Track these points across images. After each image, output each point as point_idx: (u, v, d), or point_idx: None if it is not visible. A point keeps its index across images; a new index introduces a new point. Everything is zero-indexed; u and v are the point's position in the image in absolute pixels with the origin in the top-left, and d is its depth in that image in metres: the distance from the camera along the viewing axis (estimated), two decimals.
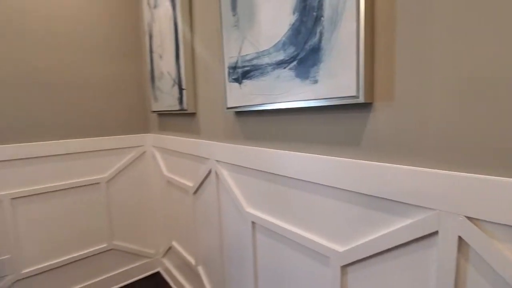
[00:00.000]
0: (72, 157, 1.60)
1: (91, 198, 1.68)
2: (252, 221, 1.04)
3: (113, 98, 1.74)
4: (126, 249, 1.84)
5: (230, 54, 0.99)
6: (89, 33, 1.63)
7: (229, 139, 1.13)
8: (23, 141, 1.45)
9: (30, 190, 1.47)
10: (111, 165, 1.74)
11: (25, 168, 1.46)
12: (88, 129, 1.65)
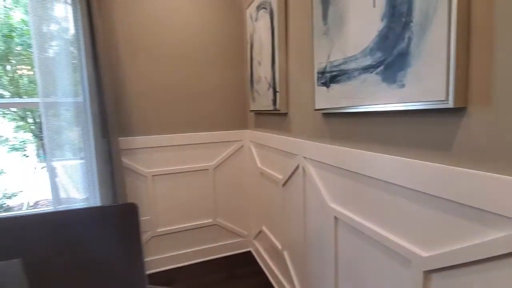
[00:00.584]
0: (191, 147, 2.02)
1: (202, 181, 2.08)
2: (334, 216, 1.11)
3: (221, 100, 2.08)
4: (225, 227, 2.18)
5: (319, 60, 1.07)
6: (206, 50, 2.00)
7: (316, 138, 1.21)
8: (162, 133, 1.95)
9: (164, 170, 1.96)
10: (217, 155, 2.10)
11: (162, 153, 1.95)
12: (202, 125, 2.05)
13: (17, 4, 2.32)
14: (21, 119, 2.71)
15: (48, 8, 1.63)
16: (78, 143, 1.77)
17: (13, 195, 3.11)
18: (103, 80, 1.69)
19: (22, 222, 0.39)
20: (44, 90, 1.63)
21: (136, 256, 0.45)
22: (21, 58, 2.36)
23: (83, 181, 1.78)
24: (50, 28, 1.65)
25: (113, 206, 0.42)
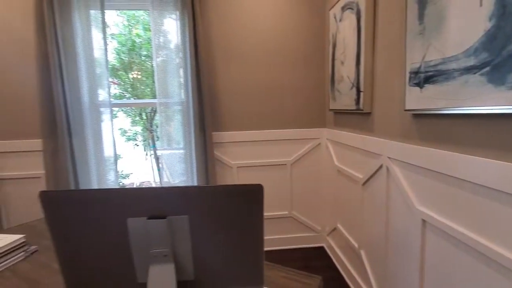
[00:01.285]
0: (271, 143, 2.19)
1: (280, 175, 2.23)
2: (422, 219, 1.09)
3: (300, 99, 2.19)
4: (300, 220, 2.29)
5: (412, 60, 1.06)
6: (288, 51, 2.13)
7: (403, 139, 1.20)
8: (247, 129, 2.17)
9: (247, 162, 2.19)
10: (294, 151, 2.22)
11: (246, 147, 2.18)
12: (282, 122, 2.19)
13: (135, 22, 2.89)
14: (137, 115, 3.39)
15: (159, 23, 2.01)
16: (180, 136, 2.13)
17: (126, 175, 3.89)
18: (202, 83, 1.99)
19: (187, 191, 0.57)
20: (159, 93, 2.02)
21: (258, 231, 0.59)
22: (139, 67, 2.95)
23: (183, 168, 2.13)
24: (162, 40, 2.03)
25: (243, 185, 0.57)
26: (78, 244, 0.60)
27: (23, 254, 1.05)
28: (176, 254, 0.60)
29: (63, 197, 0.57)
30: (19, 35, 1.95)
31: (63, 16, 1.89)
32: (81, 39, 1.94)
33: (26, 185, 2.05)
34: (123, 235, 0.59)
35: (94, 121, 2.00)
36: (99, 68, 1.99)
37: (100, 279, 0.62)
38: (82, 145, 1.98)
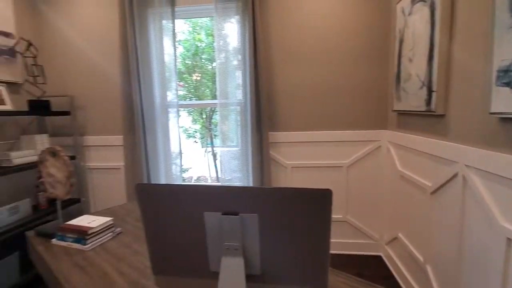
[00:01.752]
0: (327, 144, 2.15)
1: (335, 177, 2.17)
2: (507, 238, 0.95)
3: (360, 99, 2.09)
4: (355, 225, 2.20)
5: (502, 57, 0.93)
6: (347, 49, 2.05)
7: (486, 145, 1.06)
8: (302, 130, 2.17)
9: (301, 163, 2.18)
10: (352, 153, 2.14)
11: (301, 148, 2.18)
12: (339, 123, 2.13)
13: (199, 28, 3.10)
14: (198, 114, 3.65)
15: (221, 28, 2.12)
16: (237, 135, 2.22)
17: (186, 170, 4.22)
18: (260, 84, 2.05)
19: (257, 191, 0.61)
20: (220, 93, 2.14)
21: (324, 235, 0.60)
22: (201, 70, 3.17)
23: (238, 165, 2.23)
24: (222, 43, 2.15)
25: (313, 189, 0.59)
26: (163, 230, 0.69)
27: (111, 234, 1.23)
28: (245, 249, 0.65)
29: (153, 190, 0.67)
30: (107, 45, 2.27)
31: (141, 27, 2.14)
32: (154, 47, 2.18)
33: (109, 175, 2.39)
34: (200, 226, 0.66)
35: (163, 120, 2.22)
36: (168, 72, 2.20)
37: (179, 262, 0.71)
38: (153, 141, 2.23)
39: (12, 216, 1.84)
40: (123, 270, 0.97)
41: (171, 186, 0.66)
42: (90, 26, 2.28)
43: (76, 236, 1.15)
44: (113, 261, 1.03)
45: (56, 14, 2.31)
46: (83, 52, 2.31)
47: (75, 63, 2.33)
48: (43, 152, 1.28)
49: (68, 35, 2.31)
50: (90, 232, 1.14)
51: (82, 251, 1.11)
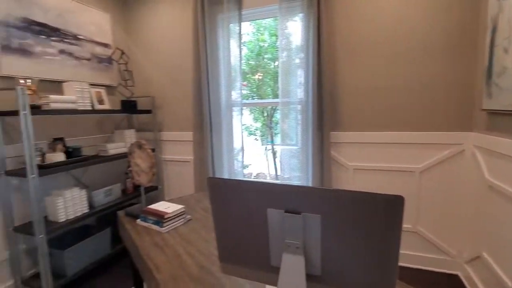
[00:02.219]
0: (396, 146, 1.98)
1: (405, 183, 1.99)
2: None
3: (437, 97, 1.86)
4: (427, 238, 1.98)
5: None
6: (423, 42, 1.84)
7: None
8: (367, 130, 2.04)
9: (366, 165, 2.06)
10: (426, 157, 1.92)
11: (366, 149, 2.06)
12: (411, 123, 1.93)
13: (263, 28, 3.18)
14: (260, 113, 3.77)
15: (284, 27, 2.13)
16: (298, 133, 2.22)
17: (246, 166, 4.40)
18: (323, 82, 2.00)
19: (320, 192, 0.61)
20: (282, 92, 2.17)
21: (393, 244, 0.57)
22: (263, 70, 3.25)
23: (298, 164, 2.23)
24: (285, 42, 2.16)
25: (382, 194, 0.56)
26: (229, 221, 0.75)
27: (183, 220, 1.38)
28: (306, 248, 0.66)
29: (222, 183, 0.73)
30: (182, 51, 2.52)
31: (211, 33, 2.31)
32: (222, 49, 2.33)
33: (180, 167, 2.67)
34: (263, 221, 0.70)
35: (227, 118, 2.37)
36: (234, 72, 2.33)
37: (242, 253, 0.76)
38: (219, 138, 2.39)
39: (107, 197, 2.22)
40: (193, 253, 1.08)
41: (238, 181, 0.71)
42: (168, 34, 2.56)
43: (155, 219, 1.32)
44: (184, 244, 1.16)
45: (142, 26, 2.66)
46: (162, 57, 2.62)
47: (156, 67, 2.66)
48: (131, 145, 1.51)
49: (151, 43, 2.65)
50: (166, 216, 1.30)
51: (159, 233, 1.27)
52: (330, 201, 0.61)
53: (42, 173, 1.69)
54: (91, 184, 2.36)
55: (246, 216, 0.72)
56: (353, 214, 0.60)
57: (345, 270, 0.64)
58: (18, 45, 1.85)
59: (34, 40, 1.94)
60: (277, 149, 3.70)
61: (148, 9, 2.62)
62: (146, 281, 1.08)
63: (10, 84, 1.79)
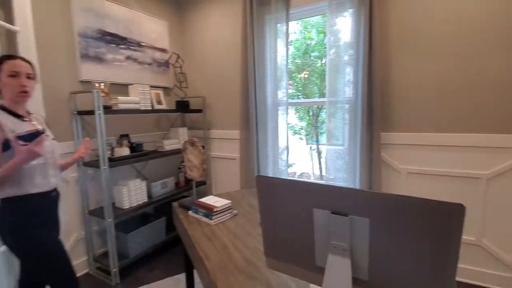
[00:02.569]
0: (459, 150, 1.79)
1: (468, 190, 1.79)
2: None
3: (507, 94, 1.63)
4: (492, 252, 1.75)
5: None
6: (492, 36, 1.62)
7: None
8: (423, 131, 1.89)
9: (421, 169, 1.91)
10: (495, 163, 1.70)
11: (422, 152, 1.90)
12: (477, 124, 1.73)
13: (311, 26, 3.13)
14: (305, 112, 3.74)
15: (332, 24, 2.07)
16: (345, 134, 2.15)
17: (290, 165, 4.39)
18: (374, 80, 1.91)
19: (369, 195, 0.60)
20: (329, 91, 2.12)
21: (451, 256, 0.54)
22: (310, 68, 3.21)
23: (343, 165, 2.16)
24: (333, 39, 2.10)
25: (440, 202, 0.53)
26: (276, 218, 0.78)
27: (229, 215, 1.46)
28: (353, 251, 0.66)
29: (270, 181, 0.77)
30: (231, 52, 2.63)
31: (259, 34, 2.37)
32: (269, 49, 2.36)
33: (227, 164, 2.79)
34: (309, 221, 0.71)
35: (273, 118, 2.40)
36: (280, 72, 2.35)
37: (288, 250, 0.78)
38: (264, 137, 2.44)
39: (163, 189, 2.44)
40: (239, 247, 1.14)
41: (285, 180, 0.74)
42: (218, 37, 2.69)
43: (205, 212, 1.42)
44: (231, 237, 1.23)
45: (195, 30, 2.85)
46: (213, 59, 2.76)
47: (207, 69, 2.81)
48: (185, 142, 1.64)
49: (202, 46, 2.81)
50: (215, 210, 1.39)
51: (208, 224, 1.37)
52: (381, 205, 0.60)
53: (112, 165, 1.94)
54: (150, 176, 2.61)
55: (292, 214, 0.74)
56: (406, 220, 0.58)
57: (395, 279, 0.62)
58: (94, 54, 2.14)
59: (106, 48, 2.22)
60: (322, 149, 3.62)
61: (200, 14, 2.79)
62: (196, 267, 1.18)
63: (87, 87, 2.08)
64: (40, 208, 1.26)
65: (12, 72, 1.18)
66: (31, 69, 1.25)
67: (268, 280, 0.92)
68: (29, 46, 1.71)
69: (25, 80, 1.21)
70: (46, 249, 1.24)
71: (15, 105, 1.23)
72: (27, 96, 1.23)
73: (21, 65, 1.21)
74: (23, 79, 1.20)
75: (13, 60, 1.20)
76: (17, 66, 1.20)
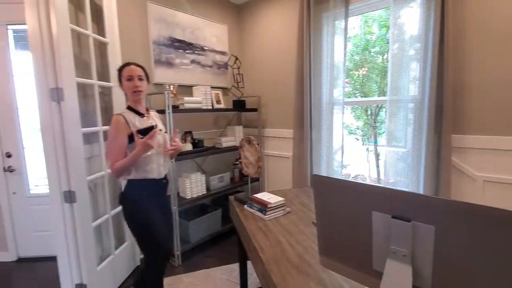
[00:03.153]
0: None
1: None
2: None
3: None
4: None
5: None
6: None
7: None
8: (501, 134, 1.64)
9: (502, 178, 1.66)
10: None
11: (504, 158, 1.66)
12: None
13: (372, 20, 2.96)
14: (363, 111, 3.56)
15: (397, 17, 1.93)
16: (407, 135, 1.99)
17: (345, 166, 4.23)
18: (445, 76, 1.73)
19: (434, 202, 0.57)
20: (391, 89, 2.00)
21: None
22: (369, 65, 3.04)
23: (405, 168, 2.01)
24: (397, 33, 1.95)
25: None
26: (332, 218, 0.79)
27: (282, 212, 1.50)
28: (415, 259, 0.64)
29: (327, 181, 0.78)
30: (286, 52, 2.66)
31: (315, 33, 2.35)
32: (325, 47, 2.32)
33: (279, 162, 2.84)
34: (367, 223, 0.71)
35: (328, 117, 2.36)
36: (336, 70, 2.29)
37: (343, 251, 0.79)
38: (318, 136, 2.42)
39: (220, 183, 2.62)
40: (292, 243, 1.18)
41: (343, 181, 0.75)
42: (274, 38, 2.75)
43: (260, 207, 1.49)
44: (284, 233, 1.27)
45: (252, 32, 2.95)
46: (269, 59, 2.83)
47: (262, 69, 2.90)
48: (242, 140, 1.74)
49: (259, 47, 2.90)
50: (269, 206, 1.45)
51: (263, 219, 1.43)
52: (450, 213, 0.57)
53: (177, 159, 2.16)
54: (208, 170, 2.82)
55: (349, 215, 0.75)
56: (480, 232, 0.54)
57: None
58: (165, 59, 2.39)
59: (175, 54, 2.46)
60: (380, 151, 3.39)
61: (258, 16, 2.88)
62: (251, 258, 1.25)
63: (159, 89, 2.35)
64: (154, 191, 1.50)
65: (128, 76, 1.44)
66: (142, 72, 1.50)
67: (321, 278, 0.94)
68: (115, 54, 2.01)
69: (137, 82, 1.45)
70: (148, 227, 1.45)
71: (136, 104, 1.50)
72: (139, 94, 1.47)
73: (134, 70, 1.46)
74: (136, 81, 1.45)
75: (128, 66, 1.47)
76: (131, 70, 1.45)
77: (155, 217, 1.48)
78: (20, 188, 2.32)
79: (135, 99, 1.48)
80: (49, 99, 1.52)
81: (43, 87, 1.51)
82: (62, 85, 1.52)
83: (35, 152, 2.41)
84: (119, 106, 2.02)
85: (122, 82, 1.47)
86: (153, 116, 1.60)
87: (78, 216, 1.62)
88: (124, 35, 2.13)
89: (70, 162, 1.58)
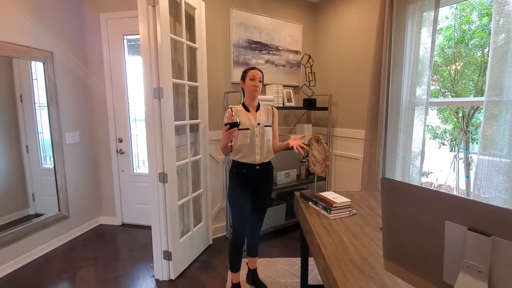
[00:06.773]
0: None
1: None
2: None
3: None
4: None
5: None
6: None
7: None
8: None
9: None
10: None
11: None
12: None
13: (470, 8, 2.54)
14: (452, 113, 3.12)
15: (503, 3, 1.63)
16: (510, 142, 1.69)
17: (425, 174, 3.78)
18: None
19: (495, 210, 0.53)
20: (491, 88, 1.72)
21: None
22: (465, 59, 2.63)
23: (506, 183, 1.71)
24: (502, 22, 1.65)
25: None
26: (400, 223, 0.78)
27: (348, 213, 1.49)
28: (492, 276, 0.60)
29: (397, 186, 0.78)
30: (362, 50, 2.54)
31: (397, 26, 2.18)
32: (409, 42, 2.13)
33: (348, 163, 2.75)
34: (439, 233, 0.69)
35: (407, 118, 2.17)
36: (421, 66, 2.08)
37: (410, 258, 0.78)
38: (394, 138, 2.25)
39: (286, 178, 2.71)
40: (356, 244, 1.18)
41: (415, 187, 0.74)
42: (350, 35, 2.65)
43: (325, 205, 1.52)
44: (348, 234, 1.27)
45: (327, 30, 2.91)
46: (343, 58, 2.75)
47: (335, 67, 2.84)
48: (311, 138, 1.78)
49: (333, 45, 2.85)
50: (334, 205, 1.46)
51: (327, 218, 1.45)
52: None
53: None
54: (276, 166, 2.94)
55: (419, 222, 0.73)
56: None
57: None
58: (243, 60, 2.59)
59: (251, 55, 2.64)
60: (473, 159, 2.89)
61: (334, 13, 2.82)
62: (313, 253, 1.30)
63: (236, 88, 2.56)
64: (245, 174, 1.77)
65: (252, 76, 1.74)
66: (261, 76, 1.78)
67: (384, 283, 0.93)
68: (202, 58, 2.29)
69: (257, 83, 1.74)
70: (231, 203, 1.77)
71: (250, 101, 1.78)
72: (256, 92, 1.75)
73: (257, 73, 1.75)
74: (257, 82, 1.74)
75: (253, 70, 1.75)
76: (256, 73, 1.74)
77: (241, 198, 1.74)
78: (127, 167, 2.88)
79: (252, 95, 1.75)
80: (152, 97, 1.86)
81: (148, 86, 1.85)
82: (163, 85, 1.84)
83: (137, 138, 2.94)
84: (203, 103, 2.31)
85: (246, 81, 1.76)
86: (261, 111, 1.83)
87: (168, 194, 1.94)
88: (209, 40, 2.40)
89: (164, 149, 1.90)
